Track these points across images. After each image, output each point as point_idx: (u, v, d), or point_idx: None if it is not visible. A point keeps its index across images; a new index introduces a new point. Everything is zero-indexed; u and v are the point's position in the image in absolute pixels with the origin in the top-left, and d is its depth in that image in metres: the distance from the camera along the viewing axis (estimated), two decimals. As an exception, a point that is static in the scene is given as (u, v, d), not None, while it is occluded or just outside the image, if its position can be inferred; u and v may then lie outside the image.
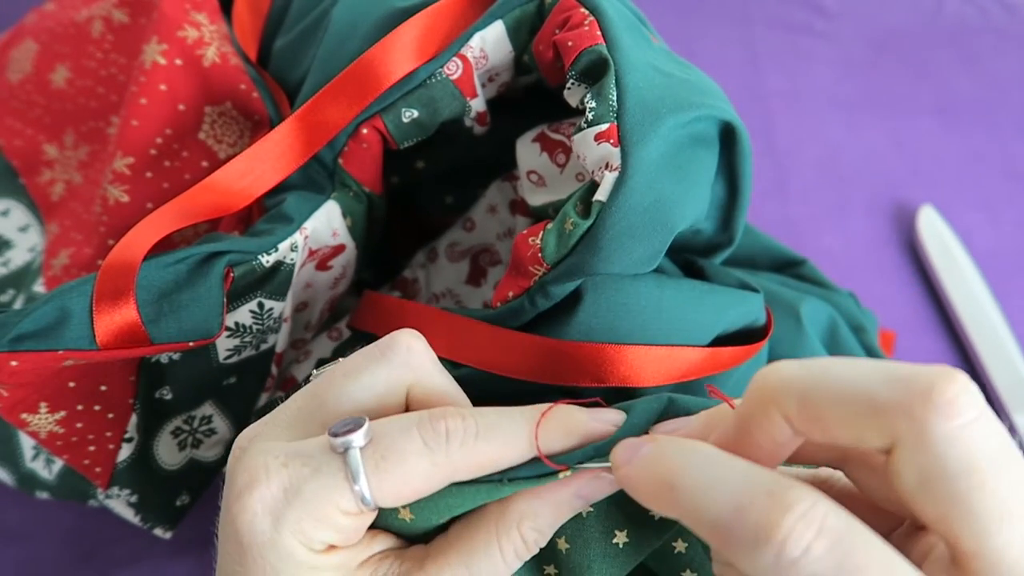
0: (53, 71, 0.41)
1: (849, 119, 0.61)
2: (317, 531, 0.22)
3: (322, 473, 0.22)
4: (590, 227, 0.27)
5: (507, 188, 0.42)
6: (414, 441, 0.22)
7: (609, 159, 0.27)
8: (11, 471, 0.36)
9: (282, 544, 0.21)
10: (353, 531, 0.23)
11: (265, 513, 0.21)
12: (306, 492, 0.21)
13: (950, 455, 0.17)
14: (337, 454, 0.22)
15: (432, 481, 0.22)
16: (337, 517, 0.22)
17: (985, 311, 0.51)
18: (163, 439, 0.34)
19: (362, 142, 0.33)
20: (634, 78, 0.28)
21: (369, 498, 0.22)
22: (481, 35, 0.32)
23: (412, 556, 0.24)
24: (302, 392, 0.24)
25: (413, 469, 0.22)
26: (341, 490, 0.21)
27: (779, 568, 0.17)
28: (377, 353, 0.24)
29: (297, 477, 0.22)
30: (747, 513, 0.18)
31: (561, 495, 0.24)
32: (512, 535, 0.23)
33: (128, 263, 0.29)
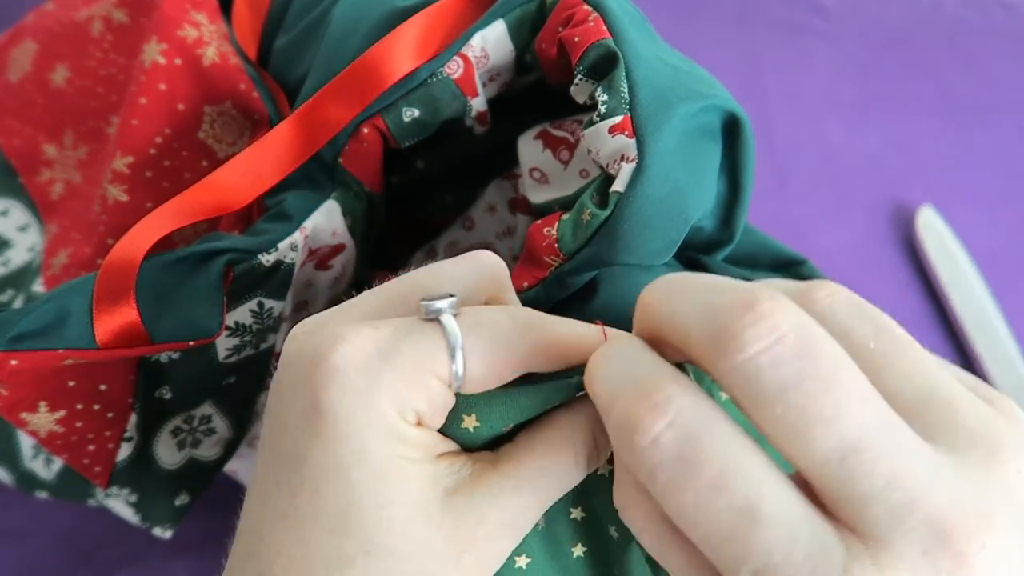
0: (53, 71, 0.41)
1: (849, 119, 0.61)
2: (412, 396, 0.20)
3: (418, 335, 0.21)
4: (608, 217, 0.27)
5: (506, 187, 0.42)
6: (502, 315, 0.22)
7: (625, 151, 0.27)
8: (10, 470, 0.36)
9: (376, 407, 0.20)
10: (441, 407, 0.22)
11: (359, 373, 0.20)
12: (404, 352, 0.20)
13: (740, 389, 0.17)
14: (429, 321, 0.21)
15: (519, 355, 0.22)
16: (432, 384, 0.21)
17: (985, 311, 0.51)
18: (163, 438, 0.34)
19: (363, 141, 0.33)
20: (644, 70, 0.28)
21: (461, 368, 0.21)
22: (482, 34, 0.32)
23: (484, 458, 0.23)
24: (378, 288, 0.23)
25: (504, 338, 0.21)
26: (439, 353, 0.21)
27: (633, 450, 0.18)
28: (462, 261, 0.24)
29: (392, 338, 0.21)
30: (616, 403, 0.19)
31: None
32: (587, 438, 0.23)
33: (128, 262, 0.29)
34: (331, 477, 0.20)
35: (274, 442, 0.22)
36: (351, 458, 0.20)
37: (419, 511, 0.21)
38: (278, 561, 0.21)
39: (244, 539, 0.22)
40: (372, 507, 0.20)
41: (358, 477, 0.20)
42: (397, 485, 0.21)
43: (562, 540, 0.27)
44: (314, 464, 0.20)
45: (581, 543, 0.27)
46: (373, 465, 0.20)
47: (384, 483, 0.20)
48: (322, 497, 0.20)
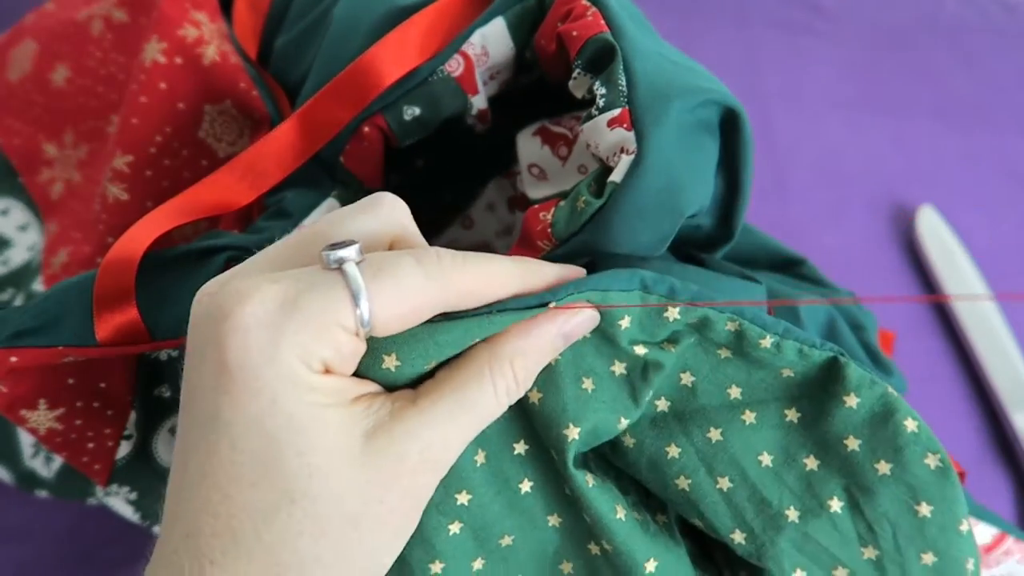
0: (53, 70, 0.41)
1: (849, 119, 0.61)
2: (316, 346, 0.21)
3: (320, 285, 0.21)
4: (601, 206, 0.27)
5: (506, 185, 0.42)
6: (407, 258, 0.22)
7: (624, 143, 0.27)
8: (10, 469, 0.36)
9: (281, 360, 0.20)
10: (350, 355, 0.22)
11: (260, 327, 0.20)
12: (306, 303, 0.20)
13: None
14: (332, 270, 0.21)
15: (427, 297, 0.22)
16: (337, 333, 0.21)
17: (984, 311, 0.51)
18: (162, 436, 0.34)
19: (363, 140, 0.33)
20: (642, 63, 0.28)
21: (367, 316, 0.21)
22: (482, 32, 0.32)
23: (402, 396, 0.23)
24: (284, 238, 0.24)
25: (409, 282, 0.21)
26: (342, 302, 0.21)
27: None
28: (361, 206, 0.24)
29: (294, 290, 0.21)
30: None
31: (547, 332, 0.24)
32: (505, 371, 0.24)
33: (128, 260, 0.29)
34: (247, 432, 0.20)
35: (189, 404, 0.22)
36: (264, 411, 0.20)
37: (339, 454, 0.21)
38: (203, 519, 0.21)
39: (170, 503, 0.22)
40: (292, 456, 0.21)
41: (273, 429, 0.20)
42: (313, 432, 0.21)
43: (508, 476, 0.27)
44: (228, 421, 0.21)
45: (527, 477, 0.28)
46: (286, 416, 0.20)
47: (300, 432, 0.21)
48: (240, 452, 0.21)
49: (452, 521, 0.26)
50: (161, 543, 0.22)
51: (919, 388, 0.43)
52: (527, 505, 0.28)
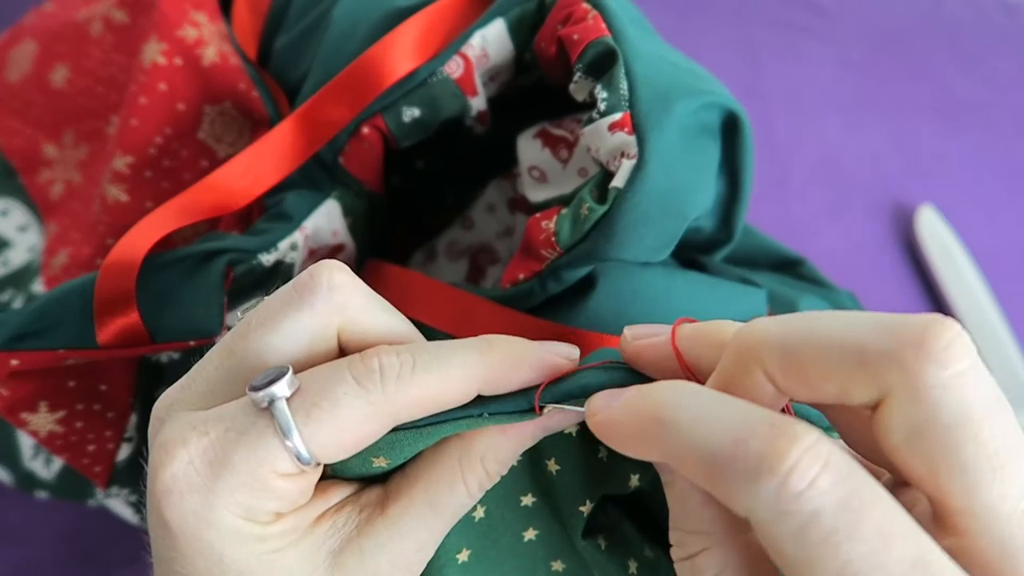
0: (53, 71, 0.41)
1: (848, 119, 0.61)
2: (257, 501, 0.19)
3: (248, 435, 0.19)
4: (605, 213, 0.27)
5: (506, 186, 0.42)
6: (345, 382, 0.20)
7: (625, 147, 0.27)
8: (10, 470, 0.36)
9: (219, 522, 0.19)
10: (298, 493, 0.20)
11: (192, 492, 0.19)
12: (235, 459, 0.19)
13: (943, 405, 0.16)
14: (262, 410, 0.19)
15: (372, 424, 0.20)
16: (275, 481, 0.19)
17: (984, 311, 0.51)
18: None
19: (363, 141, 0.33)
20: (643, 67, 0.28)
21: (306, 454, 0.19)
22: (482, 33, 0.32)
23: (370, 501, 0.22)
24: (217, 349, 0.22)
25: (348, 413, 0.20)
26: (274, 449, 0.19)
27: (780, 501, 0.16)
28: (295, 295, 0.21)
29: (221, 444, 0.19)
30: (748, 444, 0.16)
31: (525, 429, 0.23)
32: (475, 468, 0.22)
33: (128, 262, 0.29)
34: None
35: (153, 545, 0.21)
36: (214, 567, 0.20)
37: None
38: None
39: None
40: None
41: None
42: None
43: (511, 524, 0.27)
44: (182, 573, 0.20)
45: (533, 527, 0.27)
46: (238, 571, 0.20)
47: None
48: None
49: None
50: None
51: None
52: (529, 550, 0.27)
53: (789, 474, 0.16)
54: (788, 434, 0.16)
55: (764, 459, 0.16)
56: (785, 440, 0.16)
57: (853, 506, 0.15)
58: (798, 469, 0.16)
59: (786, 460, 0.16)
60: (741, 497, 0.16)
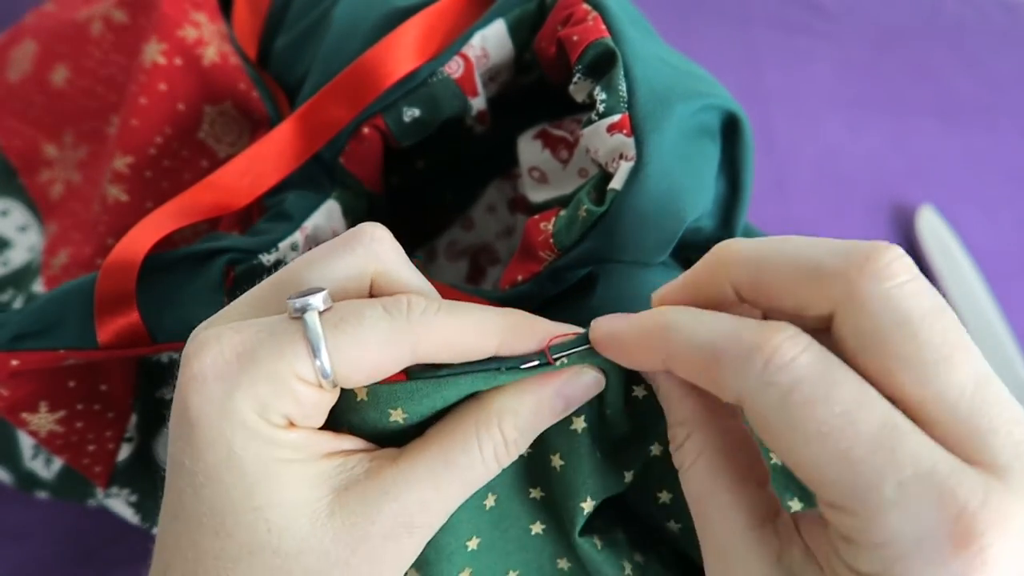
0: (53, 71, 0.41)
1: (849, 119, 0.61)
2: (274, 399, 0.20)
3: (277, 335, 0.20)
4: (603, 214, 0.27)
5: (506, 187, 0.42)
6: (374, 307, 0.21)
7: (623, 149, 0.27)
8: (10, 470, 0.36)
9: (236, 411, 0.20)
10: (312, 407, 0.21)
11: (216, 379, 0.20)
12: (260, 354, 0.20)
13: (884, 311, 0.18)
14: (294, 319, 0.21)
15: (393, 349, 0.21)
16: (295, 384, 0.20)
17: (984, 311, 0.51)
18: (163, 439, 0.34)
19: (363, 141, 0.33)
20: (642, 69, 0.28)
21: (328, 366, 0.20)
22: (482, 34, 0.32)
23: (384, 455, 0.23)
24: (262, 282, 0.23)
25: (372, 333, 0.21)
26: (298, 353, 0.20)
27: (766, 373, 0.18)
28: (341, 242, 0.23)
29: (251, 341, 0.20)
30: (741, 335, 0.19)
31: (543, 392, 0.23)
32: (492, 431, 0.23)
33: (129, 262, 0.29)
34: (206, 482, 0.20)
35: (169, 447, 0.22)
36: (220, 464, 0.20)
37: (300, 511, 0.21)
38: (175, 562, 0.21)
39: (158, 536, 0.22)
40: (248, 510, 0.20)
41: (230, 481, 0.20)
42: (272, 487, 0.21)
43: (520, 516, 0.27)
44: (191, 470, 0.20)
45: (540, 520, 0.27)
46: (243, 469, 0.20)
47: (256, 486, 0.20)
48: (201, 501, 0.21)
49: (462, 570, 0.26)
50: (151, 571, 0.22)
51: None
52: (536, 545, 0.27)
53: (774, 352, 0.18)
54: (774, 326, 0.19)
55: (754, 344, 0.19)
56: (771, 330, 0.19)
57: (828, 378, 0.18)
58: (782, 348, 0.18)
59: (772, 342, 0.19)
60: (733, 380, 0.19)
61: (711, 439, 0.22)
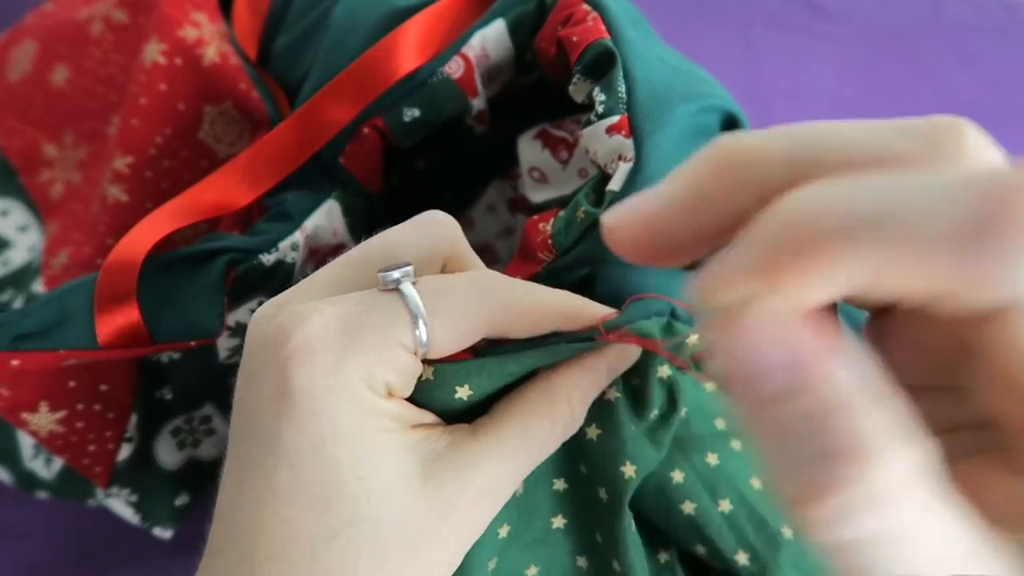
0: (53, 71, 0.41)
1: (849, 119, 0.61)
2: (379, 368, 0.21)
3: (379, 307, 0.21)
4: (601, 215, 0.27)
5: (506, 187, 0.42)
6: (462, 280, 0.22)
7: (622, 150, 0.27)
8: (10, 470, 0.36)
9: (346, 382, 0.20)
10: (410, 376, 0.22)
11: (324, 350, 0.20)
12: (367, 323, 0.21)
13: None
14: (388, 291, 0.21)
15: (480, 319, 0.22)
16: (399, 353, 0.21)
17: (985, 311, 0.51)
18: (163, 439, 0.34)
19: (363, 141, 0.33)
20: (642, 70, 0.28)
21: (425, 336, 0.21)
22: (482, 33, 0.32)
23: (460, 430, 0.23)
24: (334, 262, 0.23)
25: (465, 304, 0.22)
26: (402, 323, 0.21)
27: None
28: (414, 226, 0.24)
29: (353, 313, 0.21)
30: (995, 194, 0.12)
31: (598, 367, 0.24)
32: (562, 405, 0.24)
33: (129, 262, 0.29)
34: (308, 455, 0.20)
35: (247, 426, 0.22)
36: (327, 435, 0.20)
37: (399, 481, 0.21)
38: (260, 542, 0.21)
39: (223, 524, 0.22)
40: (352, 480, 0.20)
41: (335, 453, 0.20)
42: (376, 457, 0.21)
43: (543, 508, 0.27)
44: (289, 444, 0.20)
45: (562, 514, 0.27)
46: (349, 439, 0.20)
47: (362, 456, 0.21)
48: (299, 475, 0.20)
49: (491, 557, 0.26)
50: (210, 565, 0.22)
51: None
52: (557, 539, 0.27)
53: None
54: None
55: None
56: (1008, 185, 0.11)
57: None
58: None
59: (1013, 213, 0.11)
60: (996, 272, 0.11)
61: None
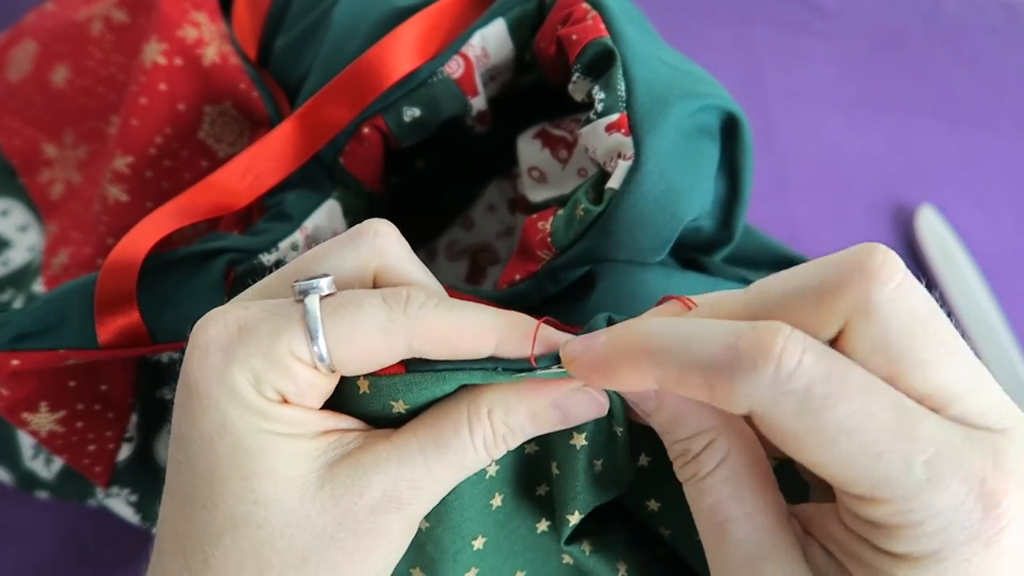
0: (53, 71, 0.41)
1: (849, 119, 0.61)
2: (268, 373, 0.21)
3: (279, 314, 0.21)
4: (601, 214, 0.27)
5: (506, 187, 0.42)
6: (373, 296, 0.22)
7: (621, 149, 0.27)
8: (11, 470, 0.36)
9: (230, 380, 0.20)
10: (308, 387, 0.21)
11: (216, 349, 0.21)
12: (260, 329, 0.21)
13: (893, 317, 0.18)
14: (297, 302, 0.21)
15: (387, 338, 0.21)
16: (290, 362, 0.21)
17: (984, 311, 0.51)
18: (163, 438, 0.34)
19: (363, 141, 0.33)
20: (641, 68, 0.28)
21: (324, 351, 0.21)
22: (482, 33, 0.32)
23: (379, 433, 0.23)
24: (272, 274, 0.24)
25: (369, 321, 0.21)
26: (295, 332, 0.21)
27: (777, 383, 0.18)
28: (345, 238, 0.24)
29: (254, 317, 0.21)
30: (738, 345, 0.19)
31: (537, 399, 0.23)
32: (482, 420, 0.23)
33: (129, 262, 0.29)
34: (199, 450, 0.21)
35: (174, 419, 0.22)
36: (215, 431, 0.21)
37: (289, 484, 0.21)
38: (167, 535, 0.22)
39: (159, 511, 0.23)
40: (236, 479, 0.21)
41: (221, 449, 0.21)
42: (262, 458, 0.21)
43: (526, 514, 0.27)
44: (186, 439, 0.21)
45: (546, 518, 0.27)
46: (235, 438, 0.21)
47: (247, 456, 0.21)
48: (193, 471, 0.21)
49: (468, 569, 0.26)
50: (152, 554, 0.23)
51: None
52: (542, 542, 0.27)
53: (780, 358, 0.18)
54: (770, 328, 0.19)
55: (755, 352, 0.18)
56: (769, 333, 0.18)
57: (836, 373, 0.18)
58: (786, 353, 0.18)
59: (774, 348, 0.18)
60: (741, 392, 0.19)
61: (733, 442, 0.22)
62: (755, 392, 0.18)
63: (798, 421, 0.18)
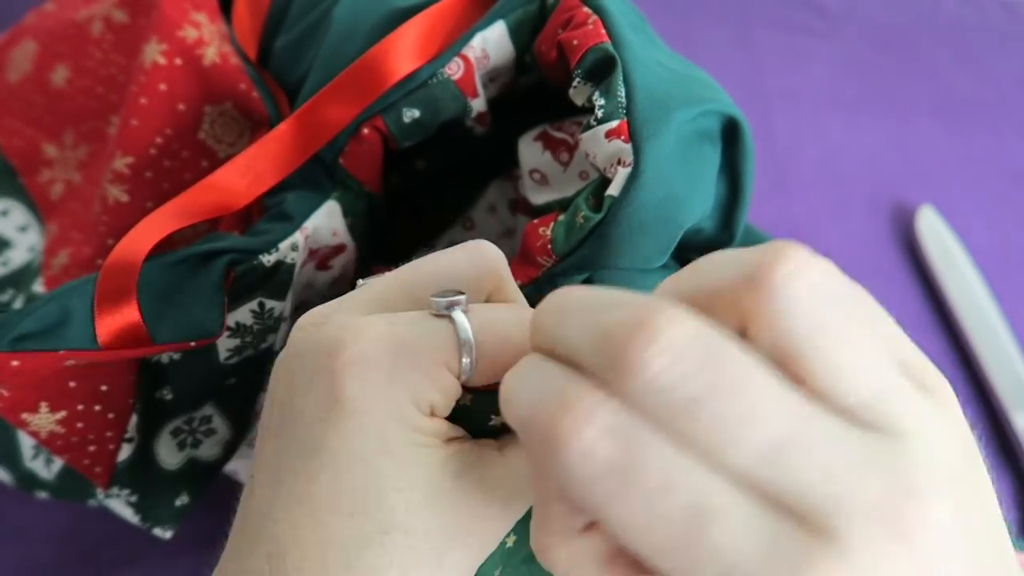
0: (53, 71, 0.41)
1: (849, 119, 0.61)
2: (426, 389, 0.21)
3: (432, 331, 0.22)
4: (601, 221, 0.27)
5: (507, 187, 0.42)
6: (509, 314, 0.23)
7: (621, 155, 0.27)
8: (10, 471, 0.36)
9: (395, 399, 0.21)
10: (452, 397, 0.23)
11: (377, 366, 0.21)
12: (418, 345, 0.21)
13: (646, 409, 0.16)
14: (439, 317, 0.22)
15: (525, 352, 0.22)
16: (444, 376, 0.22)
17: (984, 311, 0.51)
18: (163, 439, 0.34)
19: (363, 142, 0.33)
20: (642, 74, 0.28)
21: (471, 364, 0.22)
22: (483, 35, 0.32)
23: (488, 444, 0.24)
24: (381, 278, 0.24)
25: (510, 336, 0.22)
26: (451, 348, 0.22)
27: (563, 472, 0.16)
28: (464, 252, 0.24)
29: (408, 333, 0.21)
30: (536, 414, 0.17)
31: None
32: None
33: (129, 263, 0.29)
34: (352, 464, 0.21)
35: (287, 430, 0.22)
36: (373, 446, 0.21)
37: (433, 493, 0.22)
38: (294, 543, 0.21)
39: (253, 522, 0.23)
40: (392, 490, 0.21)
41: (379, 464, 0.21)
42: (414, 470, 0.22)
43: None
44: (334, 452, 0.21)
45: None
46: (393, 452, 0.21)
47: (403, 469, 0.21)
48: (341, 482, 0.21)
49: (498, 566, 0.26)
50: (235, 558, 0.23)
51: (919, 389, 0.43)
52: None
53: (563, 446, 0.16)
54: (565, 402, 0.16)
55: (547, 431, 0.16)
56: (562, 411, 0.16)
57: (632, 466, 0.16)
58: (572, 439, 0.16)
59: (563, 432, 0.16)
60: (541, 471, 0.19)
61: None
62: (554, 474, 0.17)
63: (596, 509, 0.16)
